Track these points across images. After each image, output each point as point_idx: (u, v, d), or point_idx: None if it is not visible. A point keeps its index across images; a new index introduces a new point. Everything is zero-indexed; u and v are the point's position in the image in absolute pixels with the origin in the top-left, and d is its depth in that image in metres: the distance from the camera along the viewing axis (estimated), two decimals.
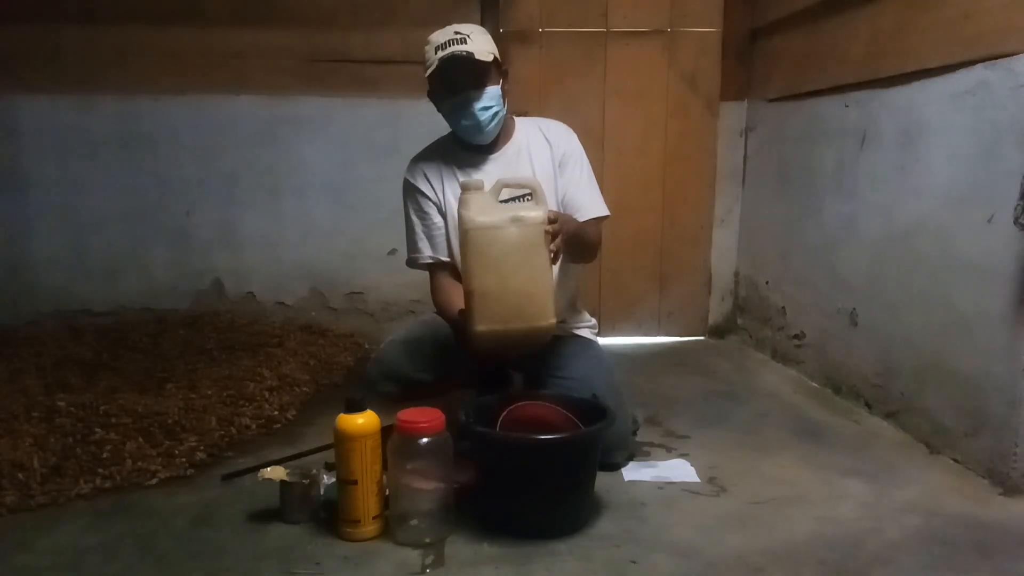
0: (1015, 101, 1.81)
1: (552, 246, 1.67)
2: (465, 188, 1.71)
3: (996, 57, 1.86)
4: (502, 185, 1.74)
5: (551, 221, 1.67)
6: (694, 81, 3.34)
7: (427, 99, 1.96)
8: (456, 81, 1.84)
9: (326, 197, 3.33)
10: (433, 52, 1.83)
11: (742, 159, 3.40)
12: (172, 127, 3.26)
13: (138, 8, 3.17)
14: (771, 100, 3.14)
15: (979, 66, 1.92)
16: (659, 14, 3.28)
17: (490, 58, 1.84)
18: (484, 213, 1.68)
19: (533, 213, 1.68)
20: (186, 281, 3.36)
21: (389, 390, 1.94)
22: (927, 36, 2.12)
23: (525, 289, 1.67)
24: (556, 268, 1.95)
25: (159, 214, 3.31)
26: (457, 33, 1.83)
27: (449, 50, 1.80)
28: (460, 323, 1.78)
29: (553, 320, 1.70)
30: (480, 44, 1.83)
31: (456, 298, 1.88)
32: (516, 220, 1.67)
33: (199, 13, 3.19)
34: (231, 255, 3.35)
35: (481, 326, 1.67)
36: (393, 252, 3.22)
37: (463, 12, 3.10)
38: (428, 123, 2.10)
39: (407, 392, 1.92)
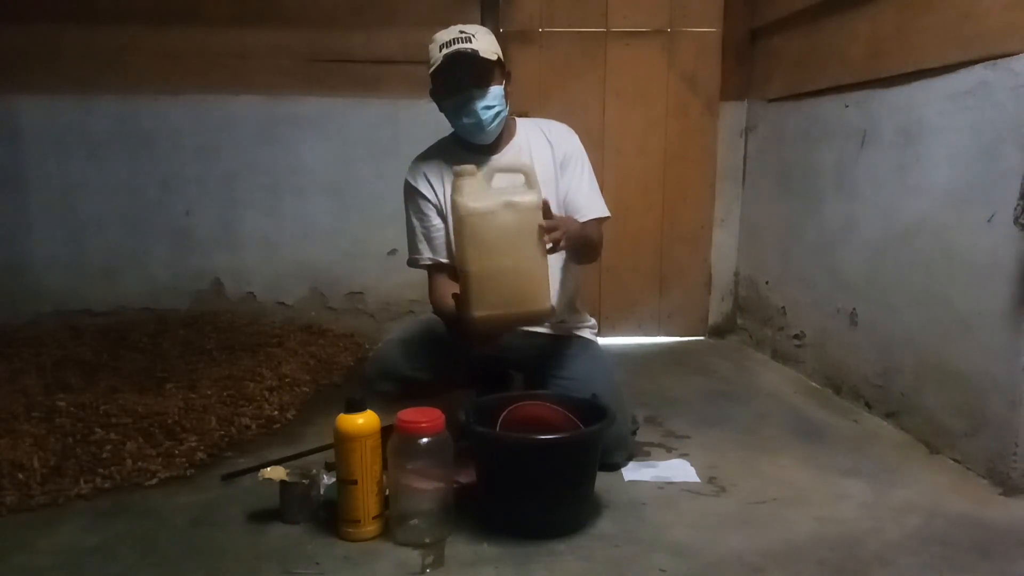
0: (1015, 101, 1.81)
1: (547, 238, 1.66)
2: (458, 174, 1.71)
3: (996, 57, 1.86)
4: (495, 170, 1.74)
5: (550, 229, 1.67)
6: (694, 81, 3.34)
7: (427, 99, 1.96)
8: (460, 79, 1.84)
9: (326, 197, 3.33)
10: (438, 50, 1.83)
11: (742, 159, 3.40)
12: (172, 127, 3.26)
13: (138, 8, 3.17)
14: (771, 100, 3.14)
15: (979, 66, 1.92)
16: (659, 14, 3.28)
17: (494, 57, 1.84)
18: (478, 198, 1.68)
19: (527, 197, 1.68)
20: (186, 281, 3.36)
21: (387, 389, 1.95)
22: (927, 36, 2.12)
23: (521, 273, 1.67)
24: (558, 269, 1.97)
25: (159, 214, 3.31)
26: (462, 32, 1.83)
27: (454, 47, 1.80)
28: (454, 314, 1.78)
29: (549, 304, 1.70)
30: (485, 43, 1.83)
31: (450, 300, 1.89)
32: (510, 205, 1.67)
33: (199, 13, 3.19)
34: (231, 255, 3.35)
35: (479, 312, 1.67)
36: (393, 252, 3.22)
37: (463, 12, 3.10)
38: (428, 123, 2.10)
39: (405, 391, 1.92)
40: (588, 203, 1.98)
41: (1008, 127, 1.83)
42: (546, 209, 1.69)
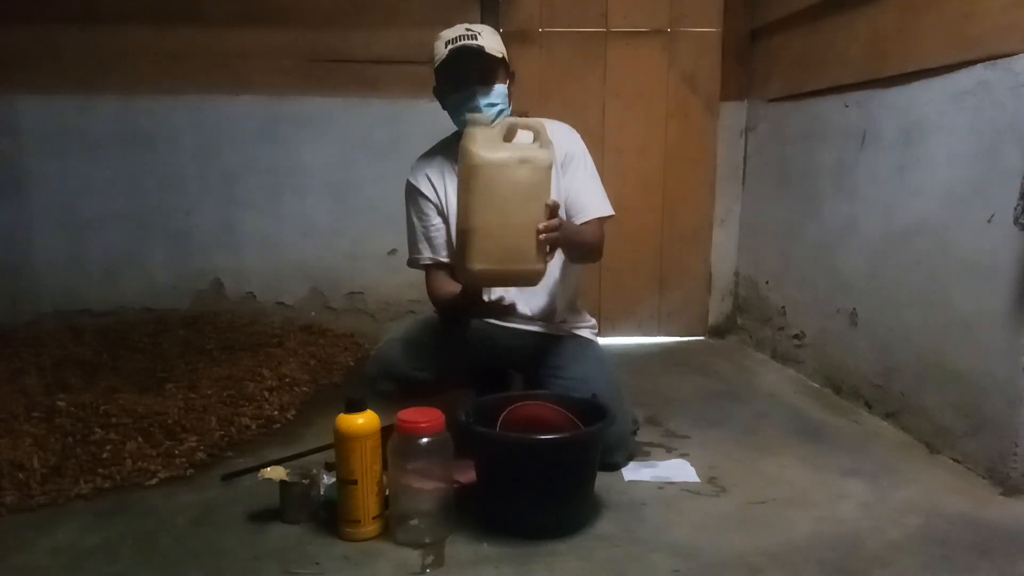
0: (1015, 101, 1.81)
1: (543, 237, 1.66)
2: (472, 122, 1.69)
3: (996, 57, 1.86)
4: (509, 123, 1.73)
5: (553, 229, 1.67)
6: (694, 81, 3.34)
7: (427, 99, 1.96)
8: (464, 74, 1.85)
9: (326, 197, 3.33)
10: (443, 46, 1.84)
11: (742, 159, 3.40)
12: (172, 127, 3.26)
13: (138, 8, 3.17)
14: (771, 100, 3.14)
15: (979, 66, 1.92)
16: (659, 14, 3.28)
17: (499, 55, 1.85)
18: (492, 150, 1.65)
19: (541, 155, 1.67)
20: (186, 281, 3.36)
21: (387, 388, 1.95)
22: (927, 36, 2.12)
23: (524, 231, 1.65)
24: (557, 269, 1.97)
25: (159, 214, 3.31)
26: (468, 30, 1.85)
27: (460, 43, 1.81)
28: (451, 302, 1.80)
29: (544, 264, 1.70)
30: (490, 41, 1.84)
31: (449, 289, 1.89)
32: (525, 161, 1.65)
33: (199, 13, 3.19)
34: (231, 255, 3.36)
35: (478, 265, 1.66)
36: (393, 252, 3.22)
37: (463, 12, 3.09)
38: (428, 123, 2.09)
39: (405, 390, 1.92)
40: (591, 202, 1.98)
41: (1008, 127, 1.83)
42: (553, 209, 1.69)
